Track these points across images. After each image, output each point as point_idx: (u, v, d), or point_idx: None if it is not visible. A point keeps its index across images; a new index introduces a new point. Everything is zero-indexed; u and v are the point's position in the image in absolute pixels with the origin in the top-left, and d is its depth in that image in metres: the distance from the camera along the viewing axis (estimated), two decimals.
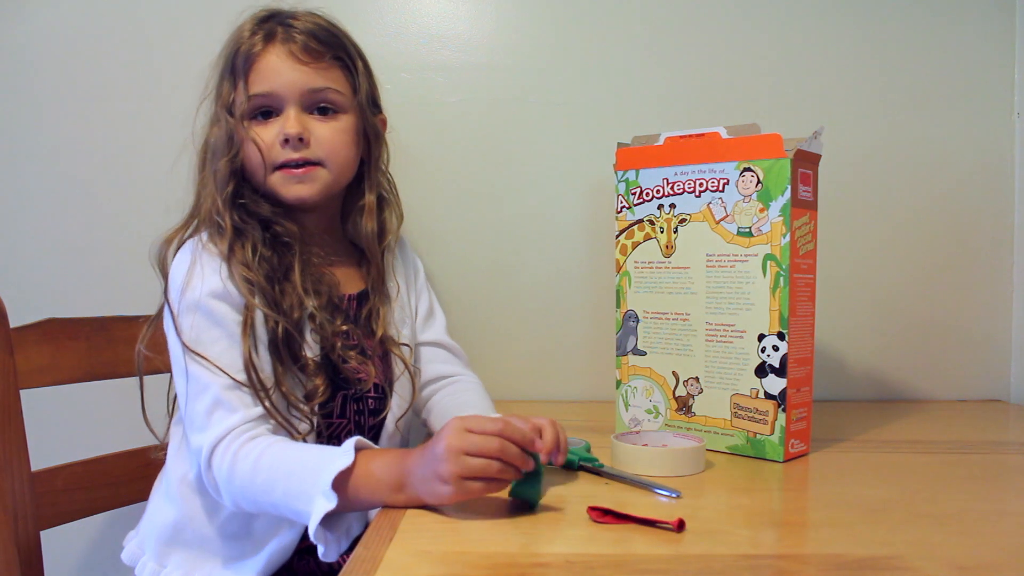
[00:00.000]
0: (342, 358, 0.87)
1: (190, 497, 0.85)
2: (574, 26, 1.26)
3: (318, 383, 0.84)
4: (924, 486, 0.78)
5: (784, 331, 0.84)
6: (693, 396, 0.92)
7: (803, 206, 0.86)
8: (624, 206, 0.96)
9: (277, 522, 0.83)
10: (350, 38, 0.92)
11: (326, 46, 0.88)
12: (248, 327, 0.81)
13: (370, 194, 0.94)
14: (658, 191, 0.93)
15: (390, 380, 0.93)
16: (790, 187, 0.83)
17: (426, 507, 0.69)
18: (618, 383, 0.98)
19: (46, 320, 0.92)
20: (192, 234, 0.87)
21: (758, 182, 0.85)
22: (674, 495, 0.72)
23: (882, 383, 1.28)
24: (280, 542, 0.84)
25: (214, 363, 0.79)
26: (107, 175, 1.25)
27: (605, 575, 0.55)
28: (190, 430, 0.79)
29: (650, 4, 1.25)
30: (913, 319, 1.28)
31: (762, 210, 0.85)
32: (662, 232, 0.93)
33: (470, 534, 0.63)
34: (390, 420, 0.92)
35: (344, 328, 0.88)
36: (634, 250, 0.96)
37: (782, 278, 0.84)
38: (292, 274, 0.85)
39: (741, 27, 1.25)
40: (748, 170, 0.86)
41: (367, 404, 0.91)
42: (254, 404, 0.79)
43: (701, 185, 0.90)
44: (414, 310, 1.01)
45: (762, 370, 0.86)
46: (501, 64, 1.26)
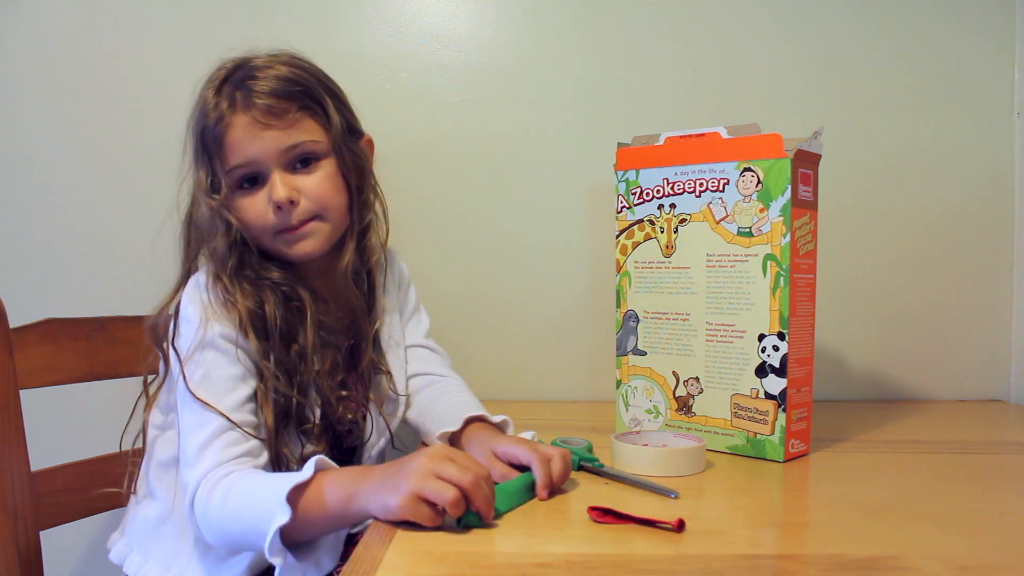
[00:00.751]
0: (345, 421, 0.89)
1: (171, 489, 0.85)
2: (574, 26, 1.26)
3: (319, 449, 0.84)
4: (924, 486, 0.78)
5: (784, 331, 0.84)
6: (693, 396, 0.92)
7: (803, 206, 0.86)
8: (624, 206, 0.96)
9: None
10: (313, 75, 0.88)
11: (289, 100, 0.84)
12: (262, 385, 0.82)
13: (350, 240, 0.92)
14: (658, 191, 0.93)
15: (368, 410, 0.94)
16: (790, 187, 0.83)
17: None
18: (618, 383, 0.98)
19: (46, 320, 0.92)
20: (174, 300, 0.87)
21: (758, 182, 0.85)
22: (673, 495, 0.72)
23: (882, 383, 1.28)
24: None
25: (220, 401, 0.79)
26: (107, 175, 1.25)
27: (605, 575, 0.55)
28: (181, 464, 0.79)
29: (650, 4, 1.25)
30: (913, 319, 1.28)
31: (762, 210, 0.85)
32: (662, 232, 0.93)
33: (470, 534, 0.63)
34: (371, 446, 0.94)
35: (345, 393, 0.90)
36: (634, 250, 0.96)
37: (782, 278, 0.84)
38: (301, 338, 0.85)
39: (741, 27, 1.25)
40: (748, 170, 0.86)
41: (347, 439, 0.93)
42: (245, 440, 0.79)
43: (701, 185, 0.90)
44: (403, 328, 1.01)
45: (762, 370, 0.86)
46: (501, 64, 1.26)
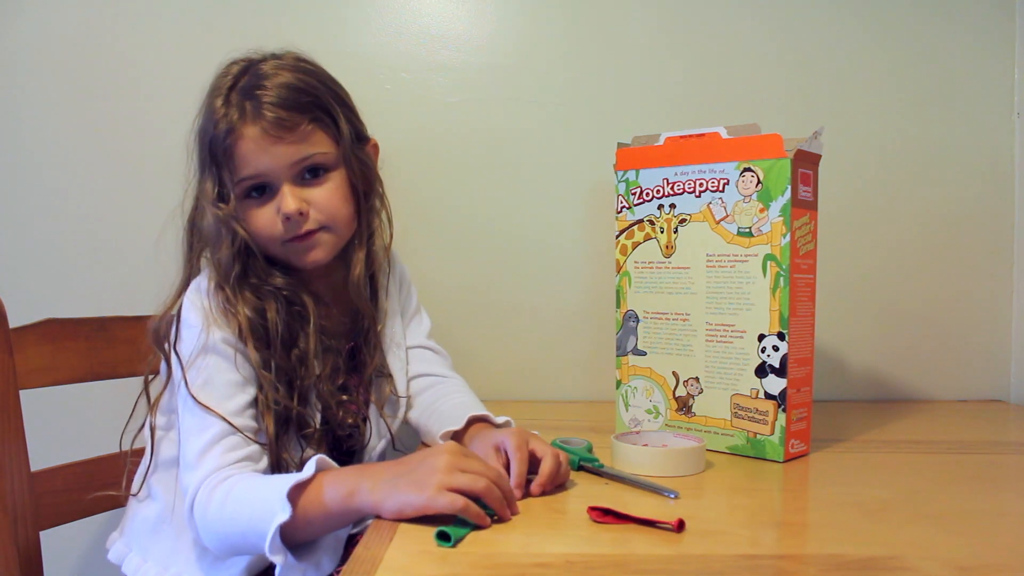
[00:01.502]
0: (344, 426, 0.89)
1: (170, 490, 0.85)
2: (574, 26, 1.26)
3: (320, 452, 0.84)
4: (924, 486, 0.78)
5: (784, 331, 0.84)
6: (693, 396, 0.92)
7: (803, 206, 0.86)
8: (624, 206, 0.96)
9: None
10: (322, 82, 0.87)
11: (299, 112, 0.83)
12: (261, 394, 0.82)
13: (359, 248, 0.92)
14: (658, 191, 0.93)
15: (370, 412, 0.94)
16: (790, 187, 0.83)
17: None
18: (618, 383, 0.98)
19: (46, 320, 0.92)
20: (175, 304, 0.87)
21: (758, 182, 0.85)
22: (673, 495, 0.72)
23: (882, 383, 1.28)
24: None
25: (221, 405, 0.79)
26: (108, 176, 1.25)
27: (605, 575, 0.55)
28: (182, 468, 0.79)
29: (650, 4, 1.25)
30: (913, 319, 1.28)
31: (762, 210, 0.85)
32: (662, 232, 0.93)
33: (470, 534, 0.63)
34: (371, 448, 0.94)
35: (345, 398, 0.91)
36: (634, 250, 0.96)
37: (782, 278, 0.84)
38: (303, 343, 0.86)
39: (741, 27, 1.25)
40: (748, 170, 0.86)
41: (347, 442, 0.93)
42: (245, 445, 0.79)
43: (701, 185, 0.90)
44: (404, 330, 1.01)
45: (762, 370, 0.86)
46: (501, 64, 1.26)
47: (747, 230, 0.86)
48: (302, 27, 1.24)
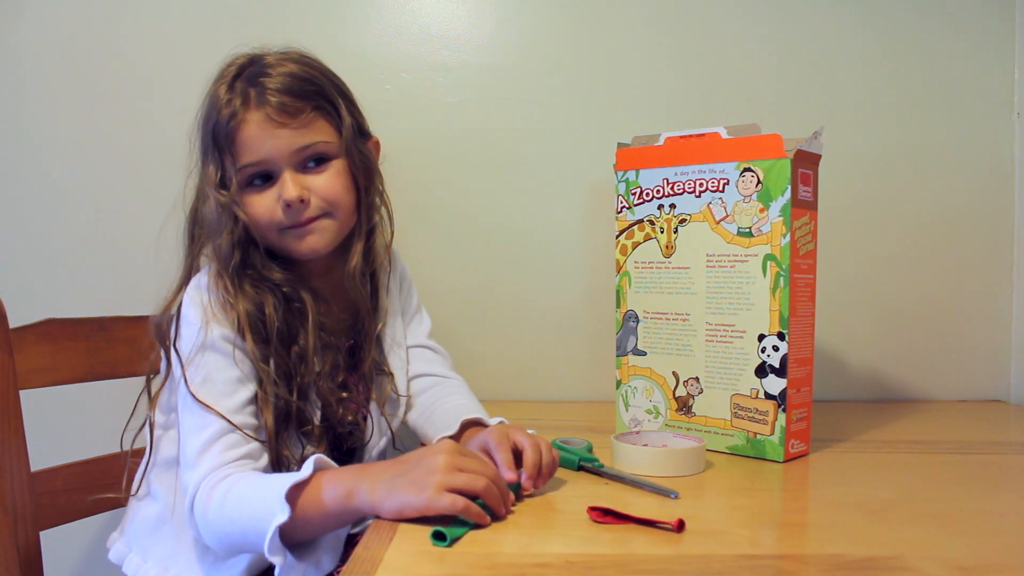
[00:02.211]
0: (344, 423, 0.89)
1: (171, 489, 0.85)
2: (574, 26, 1.26)
3: (320, 449, 0.84)
4: (924, 486, 0.78)
5: (784, 331, 0.84)
6: (693, 396, 0.92)
7: (803, 206, 0.86)
8: (624, 206, 0.96)
9: None
10: (325, 76, 0.88)
11: (304, 99, 0.84)
12: (261, 390, 0.82)
13: (359, 240, 0.92)
14: (658, 191, 0.93)
15: (369, 401, 0.94)
16: (790, 187, 0.83)
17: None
18: (618, 383, 0.98)
19: (46, 320, 0.92)
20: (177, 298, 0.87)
21: (758, 182, 0.85)
22: (673, 495, 0.72)
23: (882, 383, 1.28)
24: None
25: (221, 403, 0.79)
26: (108, 175, 1.25)
27: (605, 575, 0.55)
28: (182, 466, 0.79)
29: (651, 4, 1.25)
30: (913, 319, 1.28)
31: (762, 210, 0.85)
32: (662, 232, 0.93)
33: (470, 534, 0.63)
34: (372, 446, 0.93)
35: (345, 395, 0.90)
36: (634, 250, 0.96)
37: (782, 278, 0.84)
38: (302, 340, 0.85)
39: (741, 27, 1.25)
40: (748, 170, 0.86)
41: (348, 440, 0.93)
42: (245, 443, 0.79)
43: (701, 185, 0.90)
44: (404, 329, 1.01)
45: (762, 370, 0.86)
46: (501, 64, 1.26)
47: (747, 230, 0.86)
48: (302, 27, 1.24)
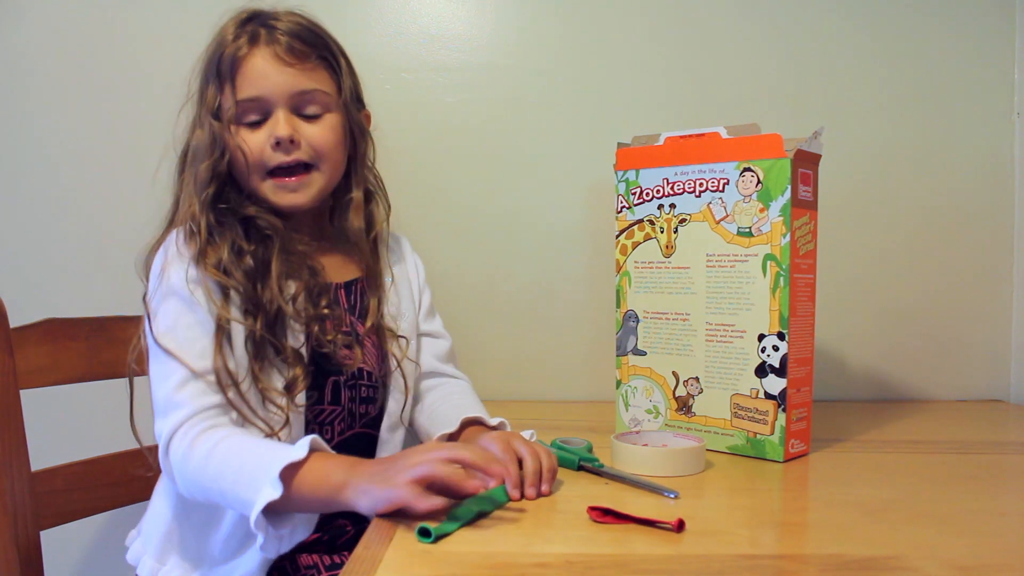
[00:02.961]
0: (324, 342, 0.86)
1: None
2: (574, 26, 1.26)
3: (297, 372, 0.83)
4: (924, 486, 0.78)
5: (784, 331, 0.84)
6: (693, 396, 0.92)
7: (803, 206, 0.86)
8: (624, 206, 0.96)
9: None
10: (331, 36, 0.92)
11: (311, 46, 0.88)
12: (220, 333, 0.80)
13: (356, 191, 0.93)
14: (658, 191, 0.93)
15: (386, 370, 0.92)
16: (790, 187, 0.83)
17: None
18: (618, 383, 0.98)
19: (46, 320, 0.92)
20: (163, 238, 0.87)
21: (758, 182, 0.85)
22: (673, 495, 0.72)
23: (882, 383, 1.28)
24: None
25: (185, 350, 0.79)
26: (108, 175, 1.25)
27: (605, 575, 0.55)
28: (156, 415, 0.79)
29: (650, 4, 1.26)
30: (913, 319, 1.28)
31: (762, 210, 0.85)
32: (662, 232, 0.93)
33: (470, 534, 0.63)
34: (393, 409, 0.92)
35: (326, 311, 0.87)
36: (634, 250, 0.96)
37: (782, 278, 0.84)
38: (271, 264, 0.85)
39: (741, 27, 1.25)
40: (748, 170, 0.86)
41: (359, 391, 0.91)
42: (217, 392, 0.79)
43: (701, 185, 0.90)
44: (417, 303, 1.00)
45: (762, 370, 0.86)
46: (501, 64, 1.26)
47: (747, 230, 0.86)
48: None
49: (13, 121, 1.25)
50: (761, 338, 0.86)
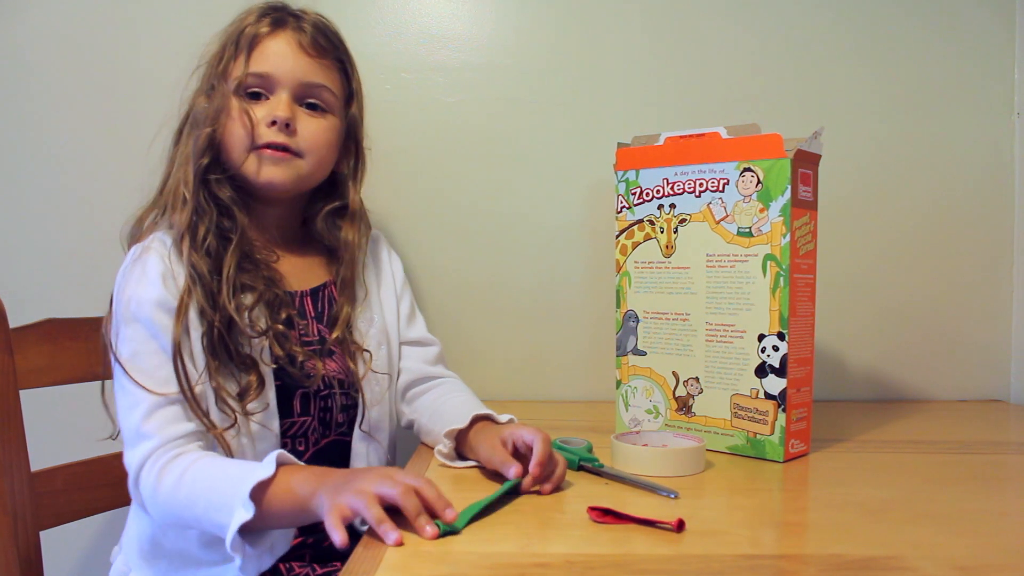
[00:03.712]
0: (284, 355, 0.85)
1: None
2: (574, 26, 1.26)
3: (251, 379, 0.83)
4: (924, 486, 0.78)
5: (784, 331, 0.84)
6: (693, 396, 0.92)
7: (803, 206, 0.86)
8: (624, 206, 0.96)
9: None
10: (350, 51, 0.95)
11: (332, 46, 0.91)
12: (182, 314, 0.80)
13: (354, 205, 0.94)
14: (658, 191, 0.93)
15: (356, 378, 0.92)
16: (790, 187, 0.83)
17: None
18: (618, 383, 0.98)
19: (46, 320, 0.92)
20: (152, 209, 0.89)
21: (758, 182, 0.85)
22: (673, 495, 0.72)
23: (882, 383, 1.28)
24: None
25: (149, 378, 0.78)
26: (107, 175, 1.25)
27: (605, 575, 0.55)
28: (124, 445, 0.79)
29: (650, 4, 1.25)
30: (913, 319, 1.28)
31: (762, 210, 0.85)
32: (662, 232, 0.93)
33: (470, 534, 0.63)
34: (366, 417, 0.92)
35: (281, 327, 0.86)
36: (634, 250, 0.96)
37: (782, 278, 0.84)
38: (225, 269, 0.84)
39: (741, 27, 1.25)
40: (748, 170, 0.86)
41: (335, 401, 0.90)
42: (186, 420, 0.79)
43: (701, 185, 0.90)
44: (396, 311, 1.00)
45: (762, 370, 0.86)
46: (501, 64, 1.26)
47: (747, 230, 0.86)
48: None
49: (13, 120, 1.25)
50: (761, 338, 0.86)
